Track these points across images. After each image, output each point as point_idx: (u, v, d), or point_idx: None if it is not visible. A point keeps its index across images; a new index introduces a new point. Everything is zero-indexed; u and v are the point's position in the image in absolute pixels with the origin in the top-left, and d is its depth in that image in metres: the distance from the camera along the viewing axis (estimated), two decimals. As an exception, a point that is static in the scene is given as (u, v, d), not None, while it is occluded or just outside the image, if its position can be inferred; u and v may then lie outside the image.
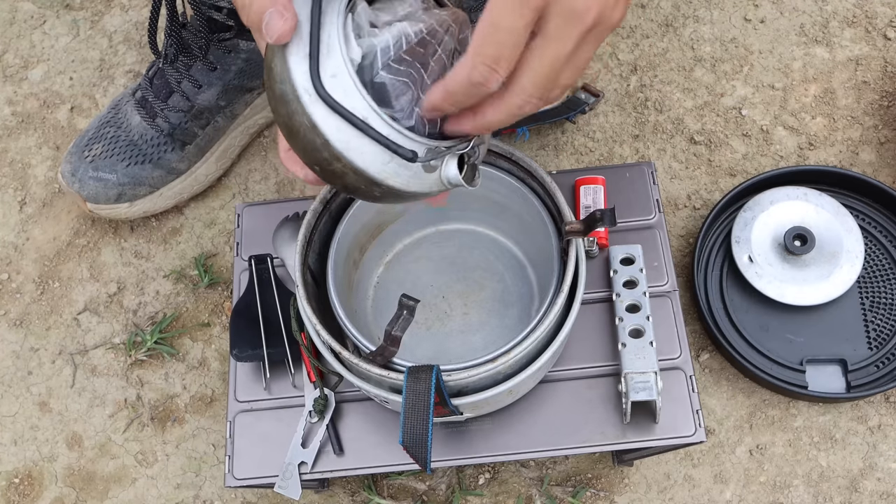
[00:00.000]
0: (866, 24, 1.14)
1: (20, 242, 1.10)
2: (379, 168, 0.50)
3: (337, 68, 0.48)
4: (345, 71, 0.48)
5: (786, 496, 0.92)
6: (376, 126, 0.49)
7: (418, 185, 0.52)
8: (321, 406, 0.75)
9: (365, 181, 0.51)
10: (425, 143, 0.50)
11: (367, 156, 0.49)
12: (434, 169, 0.52)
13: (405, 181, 0.51)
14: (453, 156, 0.52)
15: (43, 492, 0.98)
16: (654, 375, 0.70)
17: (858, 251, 0.95)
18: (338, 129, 0.49)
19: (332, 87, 0.48)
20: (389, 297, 0.79)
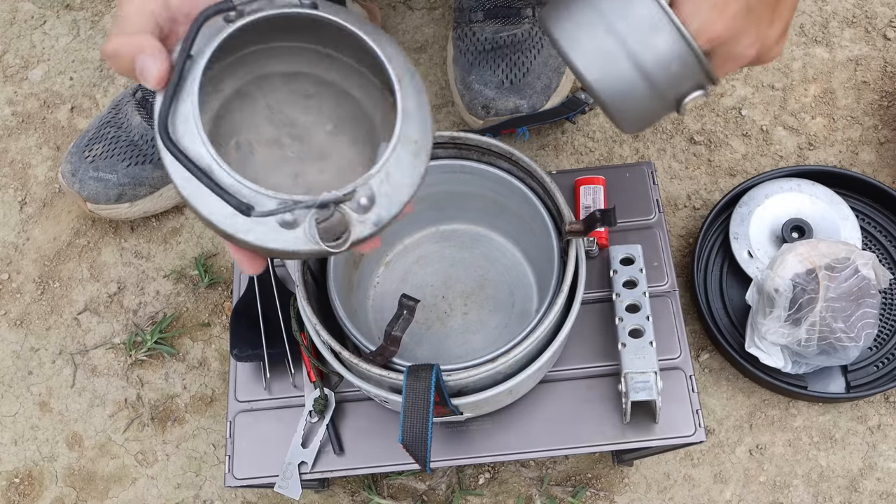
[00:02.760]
0: (866, 25, 1.14)
1: (20, 242, 1.10)
2: (225, 221, 0.48)
3: (188, 114, 0.48)
4: (192, 118, 0.48)
5: (786, 496, 0.92)
6: (217, 175, 0.47)
7: (277, 242, 0.48)
8: (321, 406, 0.75)
9: (222, 234, 0.49)
10: (275, 197, 0.48)
11: (212, 206, 0.48)
12: (294, 226, 0.48)
13: (258, 237, 0.48)
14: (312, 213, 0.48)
15: (43, 492, 0.98)
16: (653, 375, 0.70)
17: (856, 238, 0.95)
18: (184, 176, 0.48)
19: (182, 133, 0.48)
20: (389, 297, 0.79)
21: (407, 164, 0.52)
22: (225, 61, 0.57)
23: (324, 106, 0.62)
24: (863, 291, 0.84)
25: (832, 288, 0.83)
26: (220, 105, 0.58)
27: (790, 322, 0.85)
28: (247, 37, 0.56)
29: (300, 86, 0.62)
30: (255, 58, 0.59)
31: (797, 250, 0.86)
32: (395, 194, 0.51)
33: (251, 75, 0.60)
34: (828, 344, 0.84)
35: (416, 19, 1.20)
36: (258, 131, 0.60)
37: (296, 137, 0.62)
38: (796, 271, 0.85)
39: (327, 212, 0.48)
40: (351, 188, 0.49)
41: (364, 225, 0.50)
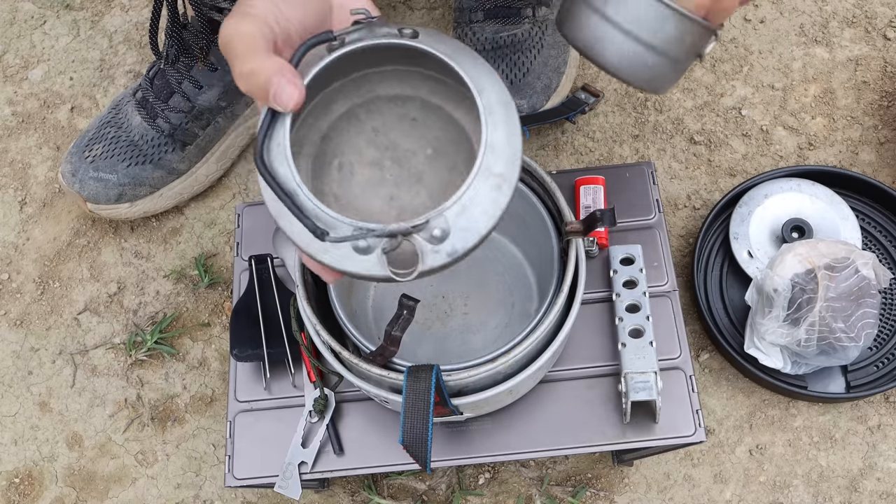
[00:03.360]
0: (866, 25, 1.14)
1: (20, 242, 1.10)
2: (304, 241, 0.50)
3: (279, 139, 0.50)
4: (283, 142, 0.50)
5: (786, 496, 0.92)
6: (300, 199, 0.50)
7: (352, 266, 0.51)
8: (321, 406, 0.75)
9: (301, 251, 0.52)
10: (351, 224, 0.49)
11: (294, 227, 0.50)
12: (367, 252, 0.50)
13: (333, 259, 0.51)
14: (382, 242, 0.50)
15: (43, 492, 0.98)
16: (653, 375, 0.70)
17: (856, 238, 0.95)
18: (270, 196, 0.51)
19: (274, 156, 0.50)
20: (389, 297, 0.79)
21: (486, 198, 0.51)
22: (336, 83, 0.59)
23: (427, 130, 0.63)
24: (863, 291, 0.84)
25: (832, 288, 0.83)
26: (329, 126, 0.60)
27: (789, 322, 0.85)
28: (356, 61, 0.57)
29: (406, 109, 0.63)
30: (365, 80, 0.60)
31: (796, 250, 0.86)
32: (472, 226, 0.51)
33: (360, 98, 0.61)
34: (827, 344, 0.84)
35: (416, 19, 1.20)
36: (361, 153, 0.62)
37: (396, 160, 0.63)
38: (796, 271, 0.85)
39: (395, 242, 0.49)
40: (423, 220, 0.50)
41: (437, 255, 0.51)
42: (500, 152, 0.53)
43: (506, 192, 0.53)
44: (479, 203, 0.51)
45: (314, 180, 0.59)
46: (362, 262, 0.50)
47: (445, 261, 0.51)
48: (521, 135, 0.55)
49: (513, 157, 0.54)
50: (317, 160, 0.56)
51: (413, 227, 0.49)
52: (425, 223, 0.50)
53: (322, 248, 0.50)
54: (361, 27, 0.54)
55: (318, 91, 0.57)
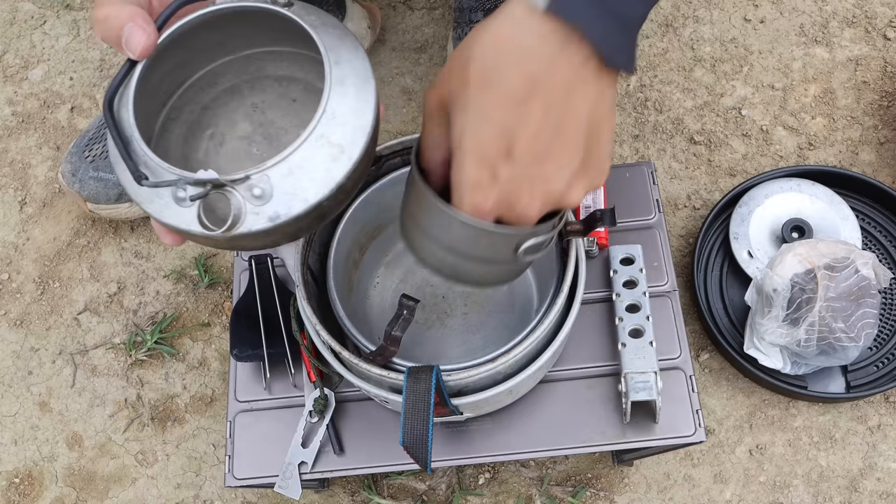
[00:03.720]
0: (866, 25, 1.14)
1: (20, 242, 1.10)
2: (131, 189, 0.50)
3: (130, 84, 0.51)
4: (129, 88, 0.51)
5: (786, 496, 0.92)
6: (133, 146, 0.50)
7: (172, 218, 0.50)
8: (321, 406, 0.75)
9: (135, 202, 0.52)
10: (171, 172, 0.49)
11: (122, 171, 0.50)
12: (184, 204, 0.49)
13: (158, 210, 0.50)
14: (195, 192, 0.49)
15: (43, 492, 0.98)
16: (653, 375, 0.70)
17: (856, 238, 0.95)
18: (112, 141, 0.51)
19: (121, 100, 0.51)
20: (389, 297, 0.79)
21: (318, 166, 0.50)
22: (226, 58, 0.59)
23: (304, 111, 0.63)
24: (863, 291, 0.84)
25: (832, 288, 0.83)
26: (211, 98, 0.61)
27: (788, 322, 0.85)
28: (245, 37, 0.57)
29: (289, 90, 0.63)
30: (256, 59, 0.60)
31: (796, 250, 0.86)
32: (298, 193, 0.49)
33: (248, 76, 0.61)
34: (827, 344, 0.84)
35: (416, 19, 1.20)
36: (235, 126, 0.62)
37: (266, 137, 0.63)
38: (795, 271, 0.85)
39: (203, 191, 0.48)
40: (242, 175, 0.48)
41: (258, 218, 0.49)
42: (342, 123, 0.51)
43: (343, 165, 0.51)
44: (309, 170, 0.50)
45: (184, 147, 0.60)
46: (180, 214, 0.49)
47: (266, 225, 0.49)
48: (374, 114, 0.53)
49: (358, 132, 0.52)
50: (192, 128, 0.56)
51: (231, 181, 0.48)
52: (245, 179, 0.48)
53: (147, 198, 0.50)
54: None
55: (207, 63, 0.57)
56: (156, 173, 0.49)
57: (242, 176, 0.48)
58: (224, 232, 0.49)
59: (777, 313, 0.85)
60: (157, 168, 0.49)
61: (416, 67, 1.16)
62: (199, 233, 0.49)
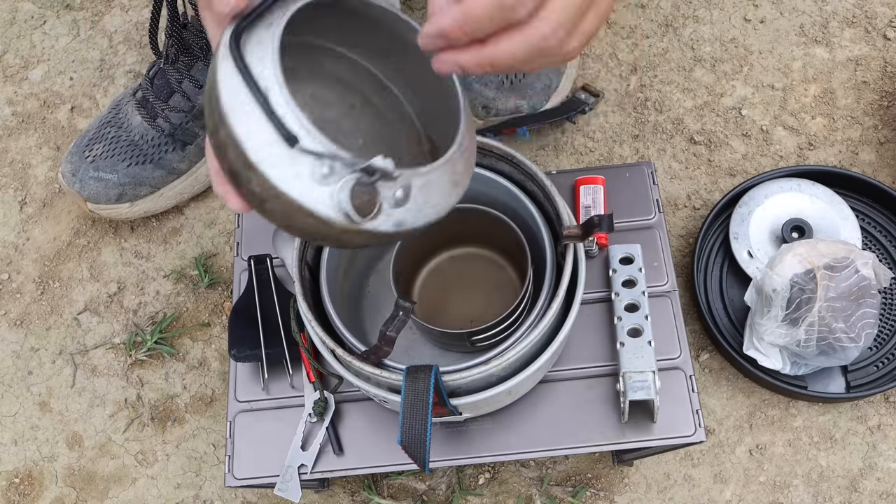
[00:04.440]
0: (866, 25, 1.14)
1: (20, 242, 1.10)
2: (259, 147, 0.44)
3: (267, 39, 0.46)
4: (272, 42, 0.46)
5: (786, 496, 0.92)
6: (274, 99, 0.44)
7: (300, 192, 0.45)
8: (321, 408, 0.75)
9: (242, 160, 0.45)
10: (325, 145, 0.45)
11: (252, 128, 0.44)
12: (326, 182, 0.45)
13: (283, 176, 0.45)
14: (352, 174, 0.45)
15: (43, 492, 0.98)
16: (651, 375, 0.70)
17: (856, 238, 0.95)
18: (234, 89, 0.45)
19: (251, 48, 0.45)
20: (381, 303, 0.79)
21: (445, 189, 0.50)
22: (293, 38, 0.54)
23: (362, 121, 0.62)
24: (863, 291, 0.84)
25: (832, 288, 0.83)
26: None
27: (787, 322, 0.85)
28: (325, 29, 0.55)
29: (348, 94, 0.61)
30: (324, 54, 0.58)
31: (796, 250, 0.86)
32: (425, 208, 0.49)
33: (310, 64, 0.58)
34: (827, 344, 0.84)
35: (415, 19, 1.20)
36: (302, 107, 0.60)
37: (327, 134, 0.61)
38: (795, 271, 0.85)
39: (371, 178, 0.45)
40: (398, 172, 0.46)
41: (388, 219, 0.47)
42: (464, 154, 0.52)
43: (458, 192, 0.52)
44: (438, 190, 0.50)
45: None
46: (318, 191, 0.45)
47: (391, 229, 0.48)
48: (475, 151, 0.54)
49: (469, 165, 0.53)
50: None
51: (393, 173, 0.46)
52: (397, 177, 0.46)
53: (275, 161, 0.45)
54: None
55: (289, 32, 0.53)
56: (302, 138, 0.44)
57: (397, 174, 0.46)
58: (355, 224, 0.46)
59: (776, 313, 0.85)
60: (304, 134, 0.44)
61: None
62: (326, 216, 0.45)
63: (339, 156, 0.45)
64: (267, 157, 0.44)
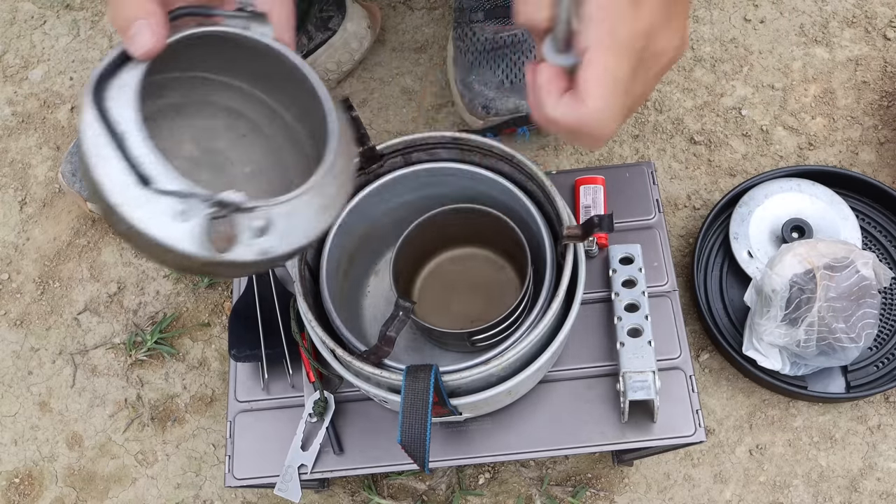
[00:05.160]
0: (866, 25, 1.14)
1: (20, 242, 1.10)
2: (117, 189, 0.47)
3: (129, 82, 0.48)
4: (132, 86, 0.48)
5: (786, 496, 0.92)
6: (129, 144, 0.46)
7: (158, 230, 0.47)
8: (321, 408, 0.75)
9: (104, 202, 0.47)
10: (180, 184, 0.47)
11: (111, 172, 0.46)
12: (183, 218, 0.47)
13: (141, 217, 0.47)
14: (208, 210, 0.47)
15: (43, 492, 0.98)
16: (651, 375, 0.70)
17: (856, 238, 0.95)
18: (95, 133, 0.47)
19: (111, 94, 0.48)
20: (381, 304, 0.79)
21: (311, 214, 0.52)
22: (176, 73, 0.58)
23: (252, 150, 0.63)
24: (863, 291, 0.84)
25: (832, 288, 0.83)
26: (155, 111, 0.59)
27: (787, 322, 0.85)
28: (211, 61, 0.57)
29: (238, 124, 0.63)
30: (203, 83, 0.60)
31: (796, 250, 0.86)
32: (291, 235, 0.51)
33: (196, 97, 0.61)
34: (827, 344, 0.84)
35: (416, 19, 1.20)
36: (181, 146, 0.61)
37: (213, 165, 0.63)
38: (795, 271, 0.85)
39: (223, 211, 0.47)
40: (254, 203, 0.49)
41: (249, 249, 0.49)
42: (336, 178, 0.54)
43: (328, 217, 0.54)
44: (304, 216, 0.51)
45: None
46: (174, 229, 0.47)
47: (254, 258, 0.49)
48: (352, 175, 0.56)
49: (343, 189, 0.55)
50: None
51: (246, 206, 0.48)
52: (253, 208, 0.48)
53: (136, 202, 0.46)
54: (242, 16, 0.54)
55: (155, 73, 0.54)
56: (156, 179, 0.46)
57: (253, 205, 0.48)
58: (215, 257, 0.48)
59: (775, 313, 0.85)
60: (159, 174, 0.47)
61: (416, 67, 1.16)
62: (185, 251, 0.48)
63: (194, 193, 0.47)
64: (124, 199, 0.47)
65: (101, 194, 0.47)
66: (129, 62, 0.49)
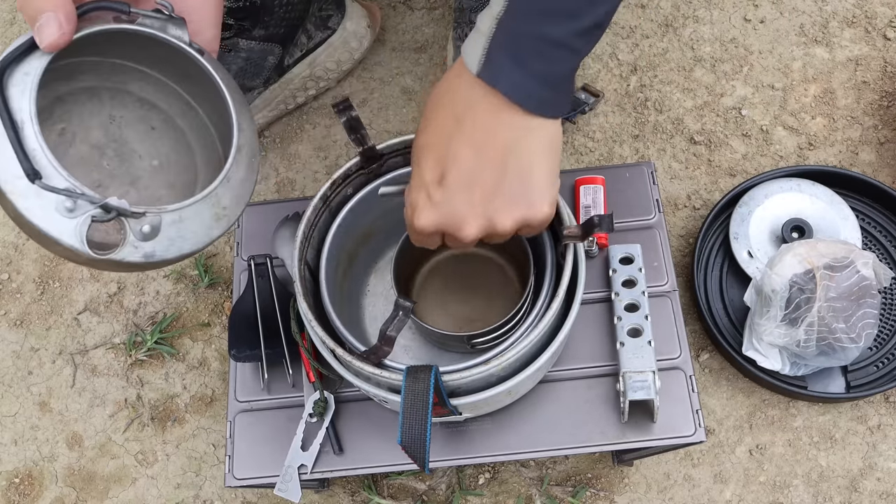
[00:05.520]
0: (866, 25, 1.14)
1: (20, 242, 1.10)
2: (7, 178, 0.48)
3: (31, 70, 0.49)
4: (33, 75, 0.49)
5: (786, 496, 0.92)
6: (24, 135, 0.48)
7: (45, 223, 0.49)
8: (321, 408, 0.75)
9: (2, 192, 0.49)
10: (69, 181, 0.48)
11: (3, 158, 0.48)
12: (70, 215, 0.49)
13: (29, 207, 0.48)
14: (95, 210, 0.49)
15: (43, 492, 0.98)
16: (651, 375, 0.70)
17: (856, 238, 0.95)
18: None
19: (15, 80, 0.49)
20: (381, 304, 0.79)
21: (204, 223, 0.54)
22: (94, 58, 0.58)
23: (161, 143, 0.64)
24: (863, 291, 0.84)
25: (832, 288, 0.83)
26: (68, 92, 0.60)
27: (787, 322, 0.85)
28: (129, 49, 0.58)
29: (150, 115, 0.64)
30: (122, 70, 0.61)
31: (796, 250, 0.86)
32: (179, 241, 0.53)
33: (110, 83, 0.61)
34: (827, 345, 0.84)
35: (416, 19, 1.20)
36: (89, 132, 0.62)
37: (119, 154, 0.64)
38: (795, 271, 0.85)
39: (106, 215, 0.49)
40: (142, 209, 0.51)
41: (136, 251, 0.51)
42: (233, 189, 0.55)
43: (222, 226, 0.55)
44: (195, 223, 0.53)
45: None
46: (59, 223, 0.49)
47: (138, 260, 0.51)
48: (253, 185, 0.57)
49: (241, 199, 0.56)
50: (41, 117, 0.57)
51: (130, 211, 0.50)
52: (142, 214, 0.51)
53: (23, 193, 0.48)
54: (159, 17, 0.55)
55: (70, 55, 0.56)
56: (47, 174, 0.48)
57: (142, 211, 0.51)
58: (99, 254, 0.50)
59: (775, 313, 0.85)
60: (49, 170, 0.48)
61: (416, 67, 1.16)
62: (70, 245, 0.50)
63: (83, 192, 0.49)
64: (14, 188, 0.48)
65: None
66: (36, 50, 0.50)
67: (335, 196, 0.72)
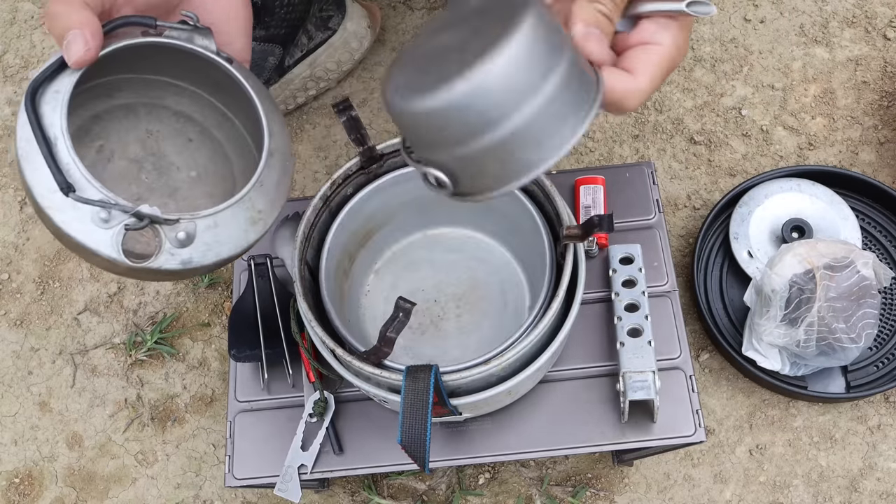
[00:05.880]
0: (866, 25, 1.14)
1: (20, 242, 1.10)
2: (44, 193, 0.49)
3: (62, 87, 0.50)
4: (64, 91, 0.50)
5: (786, 496, 0.92)
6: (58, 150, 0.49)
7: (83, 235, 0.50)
8: (321, 408, 0.75)
9: (34, 204, 0.50)
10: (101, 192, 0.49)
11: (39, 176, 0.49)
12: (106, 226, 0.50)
13: (66, 220, 0.49)
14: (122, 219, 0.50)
15: (43, 492, 0.98)
16: (651, 375, 0.70)
17: (856, 238, 0.95)
18: (26, 138, 0.49)
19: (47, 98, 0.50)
20: (381, 304, 0.79)
21: (240, 227, 0.54)
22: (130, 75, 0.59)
23: (198, 154, 0.65)
24: (863, 291, 0.84)
25: (832, 288, 0.83)
26: (105, 110, 0.61)
27: (786, 322, 0.85)
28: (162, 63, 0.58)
29: (186, 128, 0.65)
30: (158, 85, 0.62)
31: (796, 250, 0.86)
32: (216, 247, 0.53)
33: (147, 99, 0.62)
34: (827, 345, 0.84)
35: (416, 19, 1.20)
36: (126, 147, 0.63)
37: (158, 168, 0.65)
38: (795, 271, 0.85)
39: (139, 223, 0.50)
40: (175, 217, 0.51)
41: (172, 258, 0.52)
42: (267, 193, 0.56)
43: (258, 230, 0.56)
44: (232, 228, 0.54)
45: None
46: (96, 234, 0.50)
47: (176, 267, 0.52)
48: (288, 188, 0.58)
49: (276, 203, 0.57)
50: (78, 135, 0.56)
51: (163, 218, 0.51)
52: (176, 221, 0.51)
53: (60, 206, 0.49)
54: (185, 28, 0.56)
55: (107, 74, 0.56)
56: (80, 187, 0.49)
57: (175, 218, 0.51)
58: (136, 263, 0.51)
59: (775, 313, 0.85)
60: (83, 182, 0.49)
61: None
62: (107, 255, 0.50)
63: (116, 202, 0.49)
64: (51, 203, 0.49)
65: (31, 196, 0.50)
66: (67, 68, 0.51)
67: (335, 196, 0.72)
